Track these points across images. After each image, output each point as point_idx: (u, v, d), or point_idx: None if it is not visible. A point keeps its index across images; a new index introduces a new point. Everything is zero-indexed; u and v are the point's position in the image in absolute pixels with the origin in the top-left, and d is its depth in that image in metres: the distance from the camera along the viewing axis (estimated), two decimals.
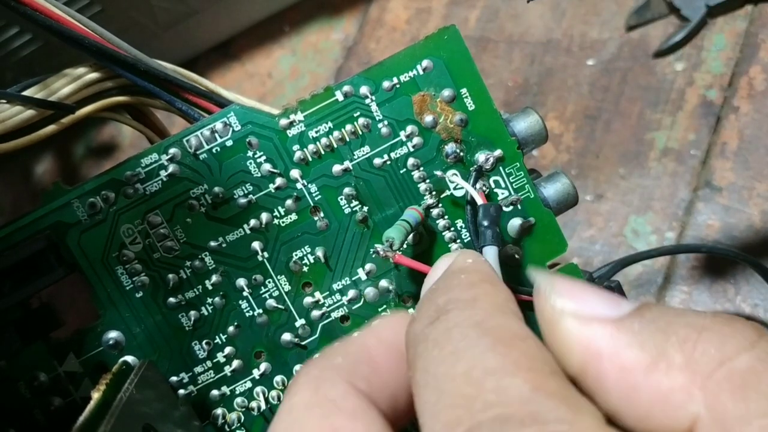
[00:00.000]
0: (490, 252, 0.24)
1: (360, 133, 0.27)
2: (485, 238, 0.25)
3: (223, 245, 0.27)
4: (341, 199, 0.27)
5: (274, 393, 0.28)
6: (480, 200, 0.26)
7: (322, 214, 0.27)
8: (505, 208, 0.27)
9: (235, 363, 0.28)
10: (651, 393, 0.18)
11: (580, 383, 0.19)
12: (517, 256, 0.27)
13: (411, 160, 0.27)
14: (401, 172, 0.27)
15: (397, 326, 0.21)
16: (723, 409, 0.17)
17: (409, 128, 0.27)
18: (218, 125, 0.27)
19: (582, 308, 0.19)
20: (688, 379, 0.17)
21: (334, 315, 0.28)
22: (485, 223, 0.25)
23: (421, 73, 0.27)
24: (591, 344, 0.19)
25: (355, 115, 0.27)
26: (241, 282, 0.27)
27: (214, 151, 0.27)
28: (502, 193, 0.27)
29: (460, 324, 0.19)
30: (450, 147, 0.27)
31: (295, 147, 0.27)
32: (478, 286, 0.20)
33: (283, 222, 0.27)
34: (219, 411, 0.28)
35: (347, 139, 0.27)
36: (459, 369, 0.18)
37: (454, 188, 0.27)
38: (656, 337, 0.18)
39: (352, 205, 0.27)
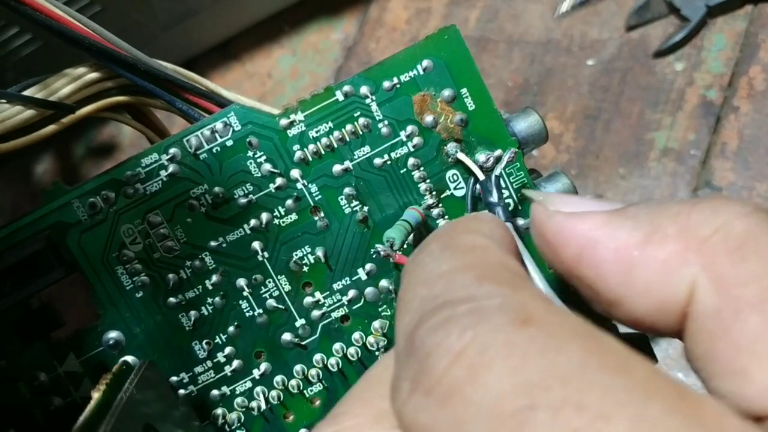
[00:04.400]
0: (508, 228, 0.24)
1: (360, 133, 0.27)
2: (498, 216, 0.25)
3: (224, 245, 0.27)
4: (341, 199, 0.27)
5: (274, 393, 0.28)
6: (480, 174, 0.26)
7: (322, 214, 0.27)
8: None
9: (235, 363, 0.28)
10: (647, 266, 0.18)
11: (577, 275, 0.19)
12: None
13: (411, 160, 0.27)
14: (401, 172, 0.27)
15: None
16: (720, 271, 0.16)
17: (410, 128, 0.27)
18: (218, 125, 0.27)
19: (575, 206, 0.20)
20: (683, 245, 0.17)
21: (335, 315, 0.28)
22: (492, 200, 0.25)
23: (422, 73, 0.27)
24: (585, 233, 0.19)
25: (356, 115, 0.27)
26: (241, 282, 0.27)
27: (214, 151, 0.27)
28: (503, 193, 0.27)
29: (432, 250, 0.19)
30: (450, 147, 0.27)
31: (296, 147, 0.27)
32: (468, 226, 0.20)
33: (283, 222, 0.27)
34: (219, 411, 0.28)
35: (347, 139, 0.27)
36: (417, 278, 0.18)
37: (455, 188, 0.27)
38: (649, 215, 0.18)
39: (352, 205, 0.27)
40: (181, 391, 0.28)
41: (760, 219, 0.17)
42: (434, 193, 0.27)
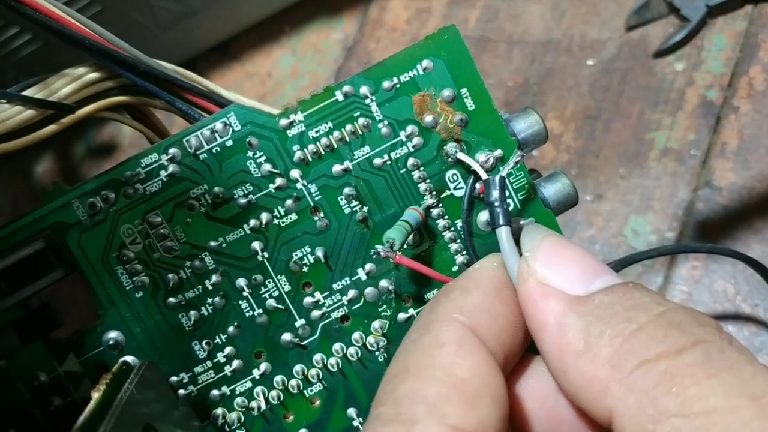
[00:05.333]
0: (504, 233, 0.24)
1: (360, 133, 0.27)
2: (496, 218, 0.24)
3: (223, 245, 0.27)
4: (341, 199, 0.27)
5: (274, 393, 0.28)
6: (483, 174, 0.26)
7: (322, 214, 0.27)
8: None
9: (235, 363, 0.28)
10: (577, 379, 0.19)
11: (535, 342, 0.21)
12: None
13: (411, 160, 0.27)
14: (401, 172, 0.27)
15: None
16: (636, 406, 0.18)
17: (409, 128, 0.27)
18: (218, 125, 0.27)
19: (550, 277, 0.21)
20: (608, 373, 0.18)
21: (334, 315, 0.28)
22: (492, 200, 0.25)
23: (421, 73, 0.27)
24: (542, 317, 0.20)
25: (355, 115, 0.27)
26: (241, 282, 0.27)
27: (214, 151, 0.27)
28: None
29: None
30: (450, 147, 0.27)
31: (295, 147, 0.27)
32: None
33: (283, 222, 0.27)
34: (219, 411, 0.28)
35: (347, 139, 0.27)
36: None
37: (455, 188, 0.27)
38: (595, 326, 0.19)
39: (352, 205, 0.27)
40: (181, 391, 0.28)
41: (690, 356, 0.18)
42: (434, 193, 0.27)
